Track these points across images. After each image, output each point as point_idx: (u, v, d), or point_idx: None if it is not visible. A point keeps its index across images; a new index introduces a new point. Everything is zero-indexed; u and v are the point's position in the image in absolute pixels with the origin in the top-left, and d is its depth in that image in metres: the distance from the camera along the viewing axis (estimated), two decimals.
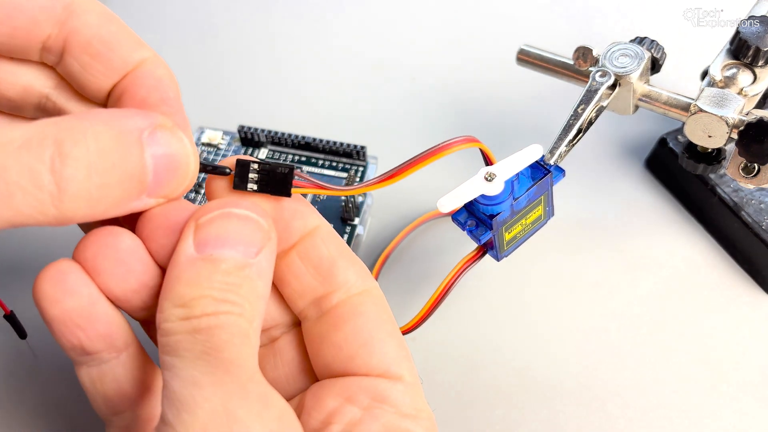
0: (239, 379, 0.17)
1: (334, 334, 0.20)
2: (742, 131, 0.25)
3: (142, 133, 0.17)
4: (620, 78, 0.28)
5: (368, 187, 0.21)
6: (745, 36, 0.27)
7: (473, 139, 0.23)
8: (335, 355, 0.20)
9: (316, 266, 0.21)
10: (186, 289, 0.17)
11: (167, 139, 0.18)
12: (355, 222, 0.31)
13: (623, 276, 0.31)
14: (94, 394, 0.20)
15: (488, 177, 0.23)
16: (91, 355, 0.19)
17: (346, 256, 0.21)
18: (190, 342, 0.17)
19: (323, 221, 0.21)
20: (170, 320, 0.17)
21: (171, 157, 0.18)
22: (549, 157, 0.27)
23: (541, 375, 0.28)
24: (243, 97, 0.38)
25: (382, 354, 0.20)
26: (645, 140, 0.35)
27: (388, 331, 0.21)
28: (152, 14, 0.43)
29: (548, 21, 0.42)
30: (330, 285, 0.21)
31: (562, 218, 0.32)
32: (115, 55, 0.20)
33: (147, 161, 0.17)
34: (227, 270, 0.18)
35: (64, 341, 0.19)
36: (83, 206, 0.17)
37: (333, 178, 0.33)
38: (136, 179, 0.17)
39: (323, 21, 0.42)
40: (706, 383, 0.28)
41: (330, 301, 0.21)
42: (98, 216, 0.17)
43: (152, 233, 0.19)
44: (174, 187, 0.19)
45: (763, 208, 0.30)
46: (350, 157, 0.34)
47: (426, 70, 0.39)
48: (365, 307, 0.21)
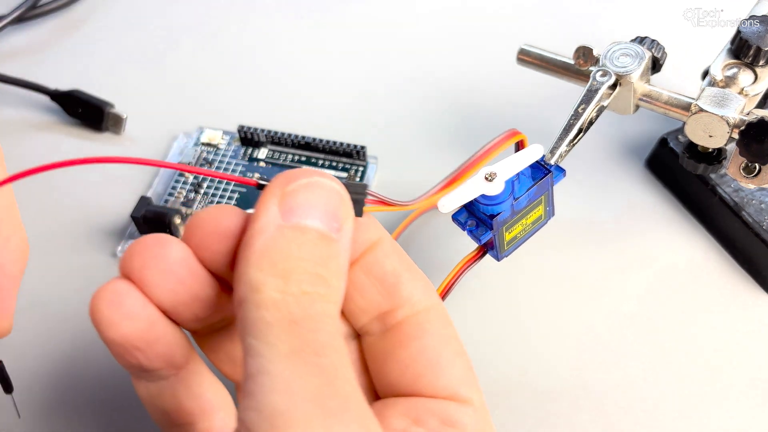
0: (341, 395, 0.15)
1: (399, 352, 0.19)
2: (743, 131, 0.25)
3: None
4: (621, 78, 0.28)
5: (431, 197, 0.21)
6: (746, 36, 0.27)
7: (516, 132, 0.23)
8: (401, 374, 0.19)
9: (380, 280, 0.20)
10: (279, 257, 0.16)
11: None
12: None
13: (623, 276, 0.31)
14: (153, 409, 0.19)
15: (489, 177, 0.23)
16: (149, 372, 0.19)
17: (411, 270, 0.20)
18: (284, 331, 0.15)
19: (385, 233, 0.21)
20: (263, 291, 0.16)
21: None
22: (549, 157, 0.27)
23: (542, 375, 0.28)
24: (243, 97, 0.38)
25: (450, 375, 0.19)
26: (645, 140, 0.35)
27: (456, 350, 0.20)
28: (152, 13, 0.43)
29: (548, 21, 0.42)
30: (395, 300, 0.20)
31: (562, 218, 0.31)
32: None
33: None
34: (315, 241, 0.17)
35: (123, 362, 0.18)
36: None
37: None
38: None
39: (324, 21, 0.42)
40: (706, 383, 0.28)
41: (395, 316, 0.20)
42: None
43: (203, 240, 0.18)
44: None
45: (764, 208, 0.30)
46: (350, 157, 0.34)
47: (426, 70, 0.39)
48: (431, 325, 0.20)
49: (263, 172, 0.34)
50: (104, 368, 0.28)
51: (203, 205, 0.32)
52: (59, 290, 0.31)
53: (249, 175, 0.33)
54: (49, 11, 0.42)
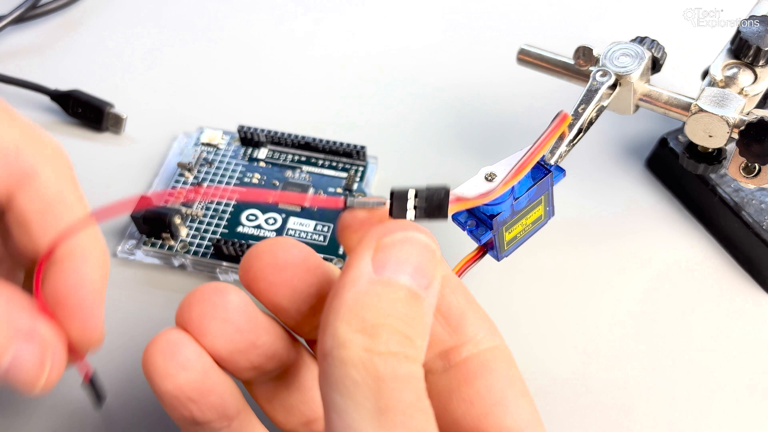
0: None
1: (465, 389, 0.19)
2: (743, 131, 0.25)
3: (12, 335, 0.18)
4: (621, 78, 0.28)
5: (507, 184, 0.21)
6: (746, 36, 0.27)
7: (567, 115, 0.23)
8: (466, 411, 0.19)
9: (445, 317, 0.20)
10: (369, 313, 0.16)
11: (33, 355, 0.18)
12: None
13: (624, 276, 0.31)
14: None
15: (488, 177, 0.23)
16: (201, 425, 0.18)
17: (475, 307, 0.20)
18: (371, 390, 0.15)
19: (449, 269, 0.20)
20: (349, 348, 0.15)
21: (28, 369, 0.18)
22: (549, 157, 0.27)
23: (542, 374, 0.28)
24: (243, 96, 0.38)
25: (516, 415, 0.19)
26: (645, 140, 0.35)
27: (521, 391, 0.19)
28: (152, 13, 0.43)
29: (549, 21, 0.42)
30: (459, 337, 0.19)
31: (562, 218, 0.32)
32: (60, 221, 0.19)
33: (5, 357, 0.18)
34: (405, 299, 0.16)
35: (176, 415, 0.18)
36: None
37: (333, 178, 0.33)
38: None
39: (325, 20, 0.42)
40: (705, 383, 0.28)
41: (459, 354, 0.19)
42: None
43: (262, 271, 0.18)
44: (22, 383, 0.18)
45: (764, 208, 0.30)
46: (350, 157, 0.34)
47: (426, 70, 0.39)
48: (497, 364, 0.19)
49: (263, 173, 0.34)
50: None
51: (203, 205, 0.32)
52: None
53: (249, 175, 0.33)
54: (50, 11, 0.42)
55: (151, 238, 0.31)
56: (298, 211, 0.32)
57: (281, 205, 0.32)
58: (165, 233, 0.31)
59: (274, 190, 0.32)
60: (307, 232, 0.31)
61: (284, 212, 0.32)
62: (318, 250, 0.30)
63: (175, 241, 0.31)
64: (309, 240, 0.31)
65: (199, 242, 0.31)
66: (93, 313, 0.20)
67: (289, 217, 0.31)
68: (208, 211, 0.32)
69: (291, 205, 0.32)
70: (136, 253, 0.31)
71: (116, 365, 0.28)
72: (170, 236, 0.31)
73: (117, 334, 0.27)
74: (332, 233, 0.31)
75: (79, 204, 0.20)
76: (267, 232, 0.31)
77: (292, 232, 0.31)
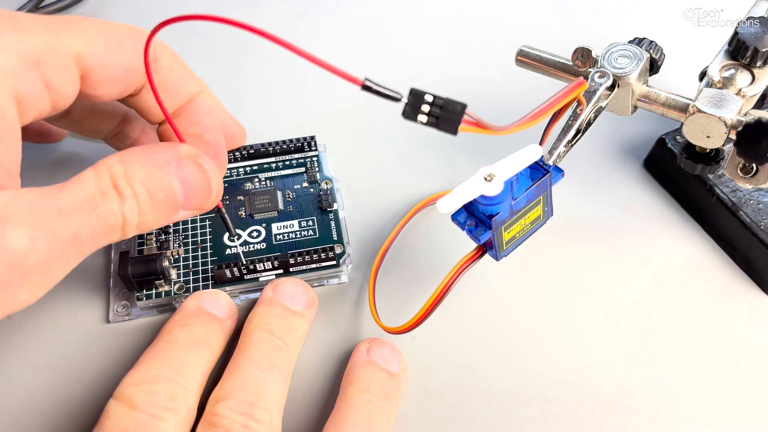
0: None
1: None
2: (740, 132, 0.25)
3: (170, 165, 0.23)
4: (619, 79, 0.28)
5: (523, 124, 0.23)
6: (744, 37, 0.27)
7: (584, 81, 0.25)
8: None
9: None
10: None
11: (190, 168, 0.24)
12: (334, 207, 0.32)
13: (622, 276, 0.31)
14: None
15: (488, 177, 0.23)
16: None
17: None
18: None
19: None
20: None
21: (195, 182, 0.24)
22: (548, 157, 0.27)
23: (541, 374, 0.28)
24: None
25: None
26: (643, 140, 0.35)
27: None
28: (154, 15, 0.43)
29: (547, 22, 0.42)
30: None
31: (560, 218, 0.32)
32: (181, 90, 0.26)
33: (175, 187, 0.23)
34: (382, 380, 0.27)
35: None
36: (148, 223, 0.23)
37: (294, 175, 0.33)
38: (172, 200, 0.23)
39: (324, 21, 0.42)
40: (704, 383, 0.28)
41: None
42: (159, 224, 0.23)
43: None
44: (200, 204, 0.24)
45: (762, 208, 0.30)
46: (302, 150, 0.34)
47: (425, 71, 0.39)
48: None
49: (225, 193, 0.32)
50: None
51: (178, 244, 0.30)
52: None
53: None
54: (51, 13, 0.42)
55: (143, 290, 0.29)
56: (276, 216, 0.31)
57: (257, 216, 0.31)
58: (158, 280, 0.29)
59: None
60: (295, 232, 0.31)
61: (263, 222, 0.31)
62: (310, 244, 0.30)
63: (168, 284, 0.29)
64: (300, 238, 0.31)
65: (193, 278, 0.30)
66: (222, 139, 0.27)
67: (271, 224, 0.31)
68: (187, 246, 0.31)
69: (267, 214, 0.31)
70: (132, 312, 0.29)
71: None
72: (163, 281, 0.29)
73: None
74: (319, 225, 0.31)
75: (188, 71, 0.26)
76: (255, 245, 0.30)
77: (280, 236, 0.31)
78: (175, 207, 0.23)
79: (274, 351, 0.26)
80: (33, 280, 0.20)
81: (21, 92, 0.20)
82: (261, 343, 0.26)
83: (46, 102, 0.22)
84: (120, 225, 0.22)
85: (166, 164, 0.23)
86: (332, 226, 0.31)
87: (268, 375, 0.25)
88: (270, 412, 0.24)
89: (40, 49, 0.21)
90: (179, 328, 0.26)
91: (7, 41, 0.20)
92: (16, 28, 0.20)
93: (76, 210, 0.21)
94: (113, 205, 0.22)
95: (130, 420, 0.23)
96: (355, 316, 0.30)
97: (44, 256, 0.20)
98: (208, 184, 0.24)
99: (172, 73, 0.25)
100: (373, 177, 0.34)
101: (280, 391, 0.25)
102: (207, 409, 0.24)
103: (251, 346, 0.26)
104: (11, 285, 0.19)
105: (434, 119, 0.20)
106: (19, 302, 0.20)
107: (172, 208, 0.23)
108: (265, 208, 0.32)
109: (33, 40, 0.21)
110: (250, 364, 0.25)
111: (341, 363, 0.28)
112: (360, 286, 0.30)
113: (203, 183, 0.24)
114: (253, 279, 0.29)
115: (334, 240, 0.31)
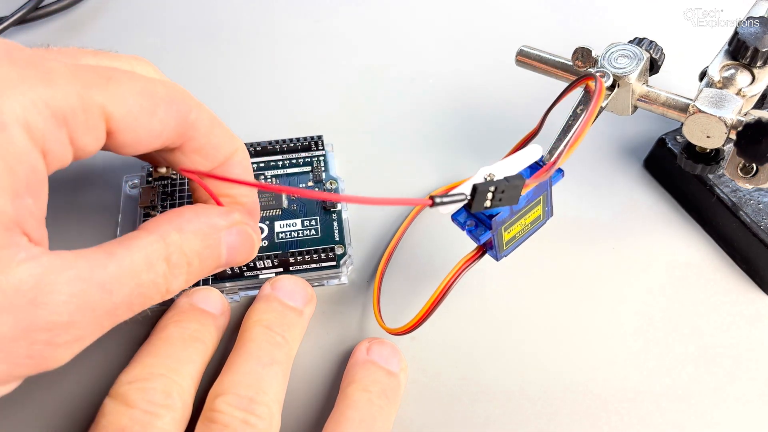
0: None
1: None
2: (740, 132, 0.25)
3: (221, 230, 0.24)
4: (619, 79, 0.28)
5: (568, 152, 0.24)
6: (744, 37, 0.27)
7: (589, 77, 0.26)
8: None
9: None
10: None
11: (239, 236, 0.25)
12: (337, 208, 0.32)
13: (621, 276, 0.31)
14: None
15: (488, 177, 0.23)
16: None
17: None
18: None
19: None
20: None
21: (240, 248, 0.25)
22: (548, 157, 0.27)
23: (541, 374, 0.28)
24: None
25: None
26: (643, 140, 0.35)
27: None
28: (154, 15, 0.43)
29: (547, 22, 0.42)
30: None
31: (561, 218, 0.32)
32: (219, 153, 0.25)
33: (222, 250, 0.24)
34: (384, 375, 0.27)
35: None
36: (188, 284, 0.23)
37: (300, 174, 0.33)
38: (216, 265, 0.24)
39: (324, 21, 0.42)
40: (704, 383, 0.28)
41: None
42: (200, 278, 0.24)
43: None
44: (240, 262, 0.25)
45: (762, 208, 0.30)
46: (309, 149, 0.34)
47: (425, 71, 0.39)
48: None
49: None
50: None
51: None
52: None
53: None
54: (52, 12, 0.42)
55: None
56: (279, 214, 0.32)
57: (261, 213, 0.31)
58: None
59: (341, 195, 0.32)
60: (297, 230, 0.31)
61: (267, 219, 0.31)
62: (313, 244, 0.30)
63: None
64: (302, 237, 0.31)
65: None
66: (255, 197, 0.27)
67: (274, 222, 0.31)
68: None
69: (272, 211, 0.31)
70: None
71: None
72: None
73: None
74: (322, 225, 0.31)
75: (225, 133, 0.26)
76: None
77: (282, 235, 0.31)
78: (216, 269, 0.25)
79: (273, 346, 0.26)
80: (64, 351, 0.20)
81: (47, 148, 0.20)
82: (260, 339, 0.26)
83: (69, 155, 0.21)
84: (161, 294, 0.22)
85: (218, 231, 0.24)
86: (335, 227, 0.31)
87: (268, 370, 0.25)
88: (269, 407, 0.24)
89: (70, 106, 0.20)
90: (173, 325, 0.26)
91: (39, 96, 0.19)
92: (47, 82, 0.20)
93: (119, 285, 0.21)
94: (159, 279, 0.22)
95: (126, 417, 0.23)
96: (355, 316, 0.30)
97: (81, 332, 0.20)
98: (251, 251, 0.25)
99: (211, 138, 0.25)
100: (378, 178, 0.34)
101: (279, 386, 0.25)
102: (206, 405, 0.24)
103: (250, 341, 0.26)
104: (45, 358, 0.20)
105: (498, 201, 0.22)
106: (48, 368, 0.20)
107: (213, 270, 0.24)
108: (269, 206, 0.32)
109: (64, 96, 0.20)
110: (248, 359, 0.25)
111: (341, 362, 0.28)
112: (360, 286, 0.30)
113: (248, 250, 0.25)
114: (253, 276, 0.30)
115: (335, 241, 0.31)
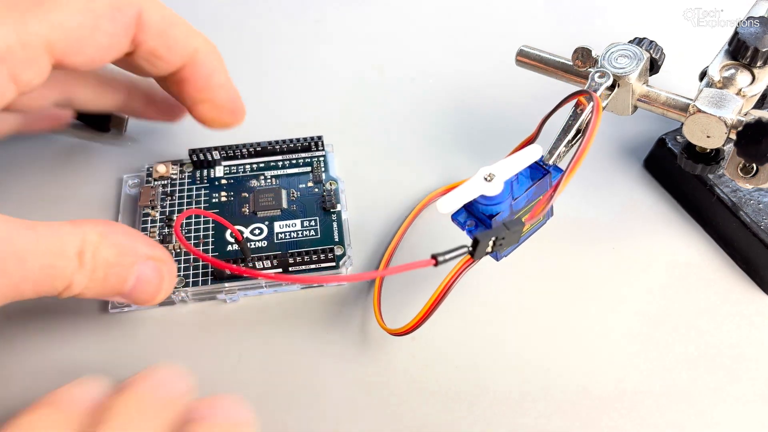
0: None
1: None
2: (740, 132, 0.25)
3: (138, 258, 0.24)
4: (619, 79, 0.28)
5: (571, 172, 0.24)
6: (744, 37, 0.27)
7: (586, 93, 0.27)
8: None
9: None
10: None
11: (152, 270, 0.24)
12: (337, 208, 0.32)
13: (621, 276, 0.31)
14: None
15: (488, 177, 0.23)
16: None
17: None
18: None
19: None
20: None
21: (146, 284, 0.24)
22: (548, 157, 0.27)
23: (541, 374, 0.28)
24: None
25: None
26: (644, 140, 0.35)
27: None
28: None
29: (547, 22, 0.42)
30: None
31: (560, 218, 0.32)
32: (174, 53, 0.25)
33: (131, 276, 0.24)
34: None
35: None
36: (84, 295, 0.23)
37: (299, 175, 0.33)
38: (118, 289, 0.24)
39: (324, 21, 0.42)
40: (704, 383, 0.28)
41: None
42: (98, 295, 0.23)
43: None
44: (136, 302, 0.25)
45: (762, 208, 0.30)
46: (309, 150, 0.34)
47: (425, 71, 0.39)
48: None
49: (228, 189, 0.32)
50: None
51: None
52: None
53: (215, 195, 0.32)
54: None
55: None
56: (279, 214, 0.32)
57: (260, 213, 0.31)
58: None
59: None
60: (297, 231, 0.31)
61: (266, 219, 0.31)
62: (313, 244, 0.30)
63: None
64: (302, 238, 0.31)
65: (193, 272, 0.30)
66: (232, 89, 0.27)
67: (273, 222, 0.31)
68: (189, 241, 0.30)
69: (270, 211, 0.32)
70: (132, 305, 0.29)
71: None
72: None
73: None
74: (321, 226, 0.31)
75: (183, 30, 0.25)
76: (258, 242, 0.31)
77: (282, 235, 0.31)
78: (117, 295, 0.24)
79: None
80: None
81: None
82: None
83: (12, 92, 0.21)
84: (63, 288, 0.22)
85: (135, 255, 0.23)
86: (334, 227, 0.31)
87: None
88: None
89: (7, 44, 0.20)
90: None
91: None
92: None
93: (32, 257, 0.20)
94: (67, 270, 0.22)
95: None
96: (355, 316, 0.30)
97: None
98: (155, 294, 0.25)
99: (164, 39, 0.24)
100: (378, 178, 0.34)
101: None
102: None
103: None
104: None
105: (499, 246, 0.23)
106: None
107: (112, 294, 0.24)
108: (268, 206, 0.32)
109: (1, 35, 0.20)
110: None
111: (339, 363, 0.28)
112: (360, 287, 0.30)
113: (155, 288, 0.24)
114: (253, 276, 0.30)
115: (335, 241, 0.31)
